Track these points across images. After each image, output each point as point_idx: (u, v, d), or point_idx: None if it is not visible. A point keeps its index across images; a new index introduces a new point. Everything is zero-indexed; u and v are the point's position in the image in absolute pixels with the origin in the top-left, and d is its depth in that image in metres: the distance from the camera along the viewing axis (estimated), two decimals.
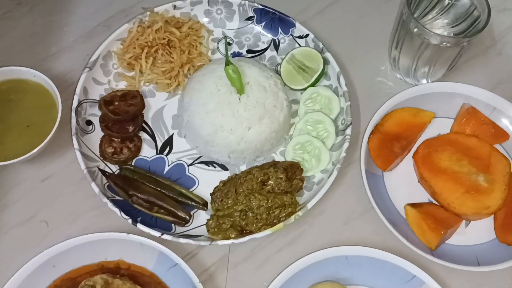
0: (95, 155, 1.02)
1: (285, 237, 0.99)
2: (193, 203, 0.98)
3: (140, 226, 0.92)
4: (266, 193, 0.94)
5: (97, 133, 1.04)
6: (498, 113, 1.04)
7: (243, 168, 1.02)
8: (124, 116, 1.03)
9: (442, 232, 0.91)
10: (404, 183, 1.02)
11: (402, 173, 1.03)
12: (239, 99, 0.99)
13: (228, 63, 0.99)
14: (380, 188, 1.01)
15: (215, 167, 1.03)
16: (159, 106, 1.08)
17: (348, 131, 1.01)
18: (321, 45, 1.08)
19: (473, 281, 0.94)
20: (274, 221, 0.94)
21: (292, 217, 0.93)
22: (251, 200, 0.93)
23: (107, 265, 0.93)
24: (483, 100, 1.04)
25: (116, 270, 0.93)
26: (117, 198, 0.97)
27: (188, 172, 1.03)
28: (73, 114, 1.00)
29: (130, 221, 0.92)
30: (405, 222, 0.97)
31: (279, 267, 0.93)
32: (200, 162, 1.04)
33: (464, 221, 0.98)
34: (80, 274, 0.92)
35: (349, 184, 1.04)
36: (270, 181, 0.95)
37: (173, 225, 0.97)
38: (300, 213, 0.94)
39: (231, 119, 0.98)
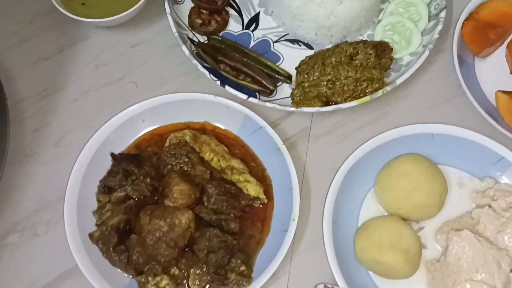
0: (184, 24, 1.04)
1: (368, 116, 0.98)
2: (277, 76, 0.99)
3: (228, 88, 0.94)
4: (355, 66, 0.94)
5: (187, 5, 1.06)
6: None
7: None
8: None
9: None
10: (495, 73, 0.99)
11: (493, 63, 1.00)
12: None
13: None
14: (470, 76, 0.98)
15: (300, 45, 1.03)
16: None
17: (442, 14, 0.98)
18: None
19: None
20: (360, 94, 0.94)
21: (380, 91, 0.92)
22: (339, 70, 0.93)
23: (193, 125, 0.96)
24: None
25: (202, 130, 0.96)
26: (205, 65, 0.99)
27: (273, 49, 1.03)
28: None
29: (218, 83, 0.94)
30: (494, 109, 0.95)
31: (359, 143, 0.93)
32: (285, 40, 1.03)
33: None
34: (167, 131, 0.95)
35: (437, 71, 1.01)
36: (359, 55, 0.94)
37: (257, 94, 0.98)
38: (388, 87, 0.93)
39: None
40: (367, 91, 0.94)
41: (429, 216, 0.86)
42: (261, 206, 0.90)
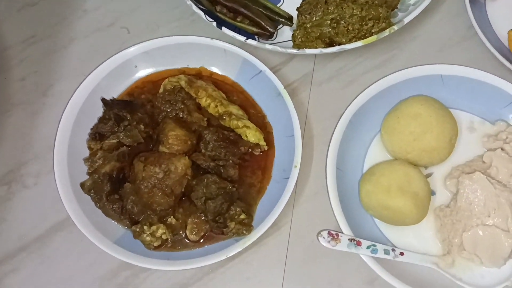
0: None
1: (374, 60, 0.93)
2: (277, 17, 0.93)
3: (225, 30, 0.88)
4: (361, 4, 0.88)
5: None
6: None
7: None
8: None
9: None
10: (507, 13, 0.93)
11: (506, 2, 0.93)
12: None
13: None
14: (482, 17, 0.92)
15: None
16: None
17: None
18: None
19: None
20: (366, 35, 0.88)
21: (387, 30, 0.87)
22: (343, 8, 0.87)
23: (189, 72, 0.91)
24: None
25: (198, 76, 0.90)
26: (201, 7, 0.94)
27: None
28: None
29: (215, 24, 0.89)
30: (507, 50, 0.89)
31: (365, 88, 0.88)
32: None
33: None
34: (161, 78, 0.90)
35: (447, 12, 0.95)
36: None
37: (256, 37, 0.93)
38: (395, 27, 0.87)
39: None
40: (373, 31, 0.88)
41: (439, 161, 0.82)
42: (261, 153, 0.85)
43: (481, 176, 0.75)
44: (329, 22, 0.88)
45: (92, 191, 0.79)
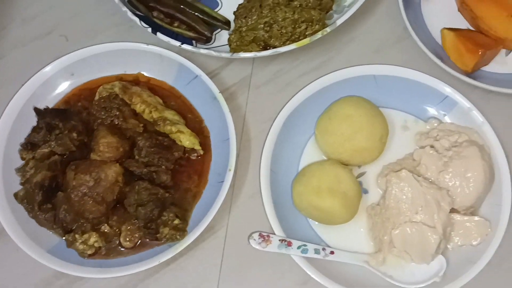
0: None
1: (311, 62, 0.94)
2: (215, 22, 0.94)
3: (159, 35, 0.88)
4: (294, 8, 0.89)
5: None
6: None
7: None
8: None
9: (480, 52, 0.84)
10: (441, 12, 0.94)
11: (441, 1, 0.94)
12: None
13: None
14: (417, 17, 0.93)
15: None
16: None
17: None
18: None
19: None
20: (300, 37, 0.89)
21: (319, 32, 0.87)
22: (276, 11, 0.87)
23: (126, 78, 0.91)
24: None
25: (135, 82, 0.90)
26: (138, 13, 0.94)
27: None
28: None
29: (149, 30, 0.89)
30: (441, 49, 0.91)
31: None
32: None
33: (504, 51, 0.91)
34: (98, 85, 0.89)
35: (383, 13, 0.96)
36: None
37: (194, 42, 0.93)
38: (328, 29, 0.88)
39: None
40: (306, 33, 0.89)
41: (370, 160, 0.83)
42: (198, 158, 0.86)
43: (407, 174, 0.76)
44: (262, 25, 0.88)
45: (25, 201, 0.79)
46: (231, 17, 0.94)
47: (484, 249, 0.76)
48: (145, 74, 0.91)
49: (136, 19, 0.90)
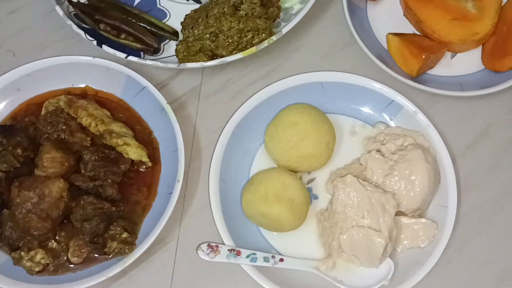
0: None
1: (260, 70, 0.94)
2: (162, 32, 0.93)
3: (105, 47, 0.88)
4: (239, 17, 0.89)
5: None
6: None
7: None
8: None
9: (423, 56, 0.85)
10: (387, 17, 0.96)
11: (386, 6, 0.96)
12: None
13: None
14: (362, 22, 0.95)
15: (187, 0, 0.98)
16: None
17: None
18: None
19: (458, 110, 0.90)
20: (247, 46, 0.89)
21: (266, 41, 0.88)
22: (221, 21, 0.88)
23: (74, 91, 0.90)
24: None
25: (83, 96, 0.90)
26: (84, 26, 0.93)
27: (160, 5, 0.97)
28: None
29: (95, 42, 0.88)
30: (387, 53, 0.92)
31: None
32: None
33: (450, 54, 0.93)
34: (45, 99, 0.88)
35: (331, 19, 0.98)
36: (243, 5, 0.89)
37: (142, 53, 0.93)
38: (274, 37, 0.88)
39: None
40: (253, 42, 0.89)
41: (318, 166, 0.83)
42: (147, 170, 0.85)
43: (352, 179, 0.77)
44: (208, 35, 0.89)
45: None
46: (179, 28, 0.95)
47: (431, 250, 0.77)
48: (93, 87, 0.91)
49: (81, 32, 0.89)
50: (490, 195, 0.85)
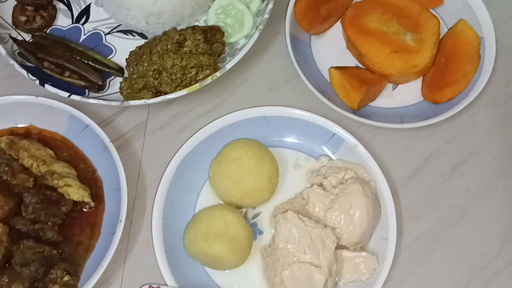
0: (8, 23, 0.96)
1: (206, 105, 0.95)
2: (107, 69, 0.94)
3: (47, 86, 0.87)
4: (182, 54, 0.90)
5: (10, 2, 0.98)
6: None
7: None
8: None
9: (364, 89, 0.87)
10: (331, 50, 0.97)
11: (330, 39, 0.98)
12: None
13: None
14: (306, 55, 0.97)
15: (134, 36, 0.98)
16: None
17: None
18: None
19: (399, 142, 0.91)
20: (191, 82, 0.90)
21: (209, 77, 0.89)
22: (164, 59, 0.88)
23: (18, 131, 0.90)
24: None
25: (27, 135, 0.89)
26: (28, 64, 0.93)
27: (105, 41, 0.97)
28: None
29: (37, 82, 0.88)
30: (329, 86, 0.94)
31: None
32: (118, 31, 0.98)
33: (391, 85, 0.95)
34: None
35: (275, 53, 0.99)
36: (187, 42, 0.90)
37: (87, 91, 0.93)
38: (218, 73, 0.89)
39: None
40: (197, 78, 0.90)
41: (262, 201, 0.84)
42: (90, 210, 0.84)
43: (293, 215, 0.77)
44: (152, 72, 0.89)
45: None
46: (125, 64, 0.95)
47: (372, 283, 0.78)
48: (37, 125, 0.90)
49: (24, 72, 0.89)
50: (431, 225, 0.87)
